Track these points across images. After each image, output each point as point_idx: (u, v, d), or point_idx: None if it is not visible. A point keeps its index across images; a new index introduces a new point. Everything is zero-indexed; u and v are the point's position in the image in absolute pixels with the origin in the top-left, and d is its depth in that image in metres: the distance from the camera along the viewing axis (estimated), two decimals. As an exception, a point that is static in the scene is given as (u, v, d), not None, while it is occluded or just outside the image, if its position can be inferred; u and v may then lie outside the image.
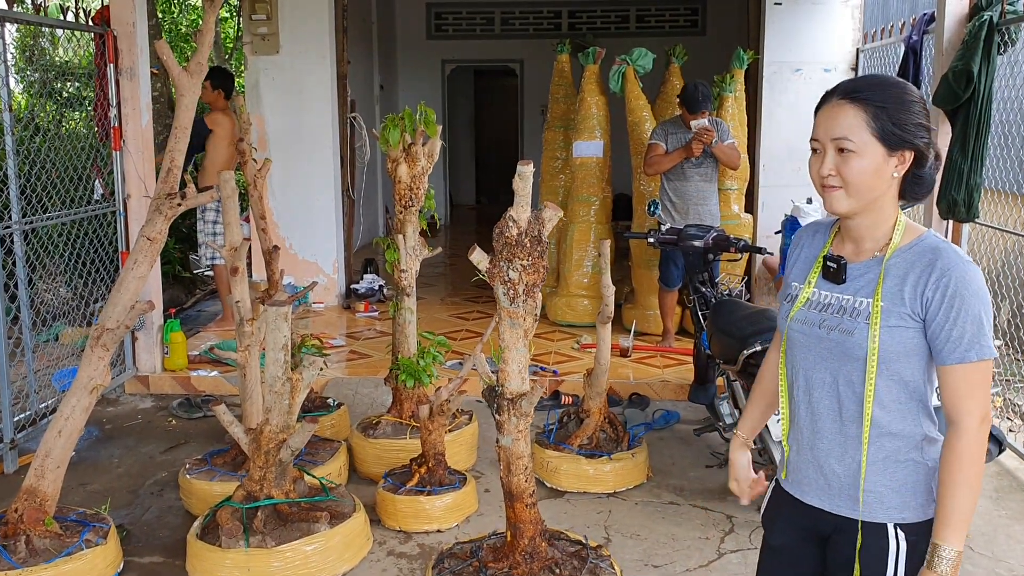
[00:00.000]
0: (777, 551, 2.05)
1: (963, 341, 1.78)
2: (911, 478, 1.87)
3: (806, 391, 1.95)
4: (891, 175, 1.83)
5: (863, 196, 1.84)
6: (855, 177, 1.82)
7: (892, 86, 1.86)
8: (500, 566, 2.27)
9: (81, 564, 3.44)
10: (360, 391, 5.84)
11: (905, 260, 1.85)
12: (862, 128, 1.81)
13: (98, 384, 3.64)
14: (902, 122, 1.81)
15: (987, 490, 4.43)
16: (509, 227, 2.15)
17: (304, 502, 3.71)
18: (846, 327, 1.87)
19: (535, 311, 2.19)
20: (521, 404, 2.19)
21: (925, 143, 1.84)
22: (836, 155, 1.83)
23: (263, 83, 7.86)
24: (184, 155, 3.76)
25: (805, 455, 1.97)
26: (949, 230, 5.32)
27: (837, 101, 1.85)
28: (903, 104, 1.83)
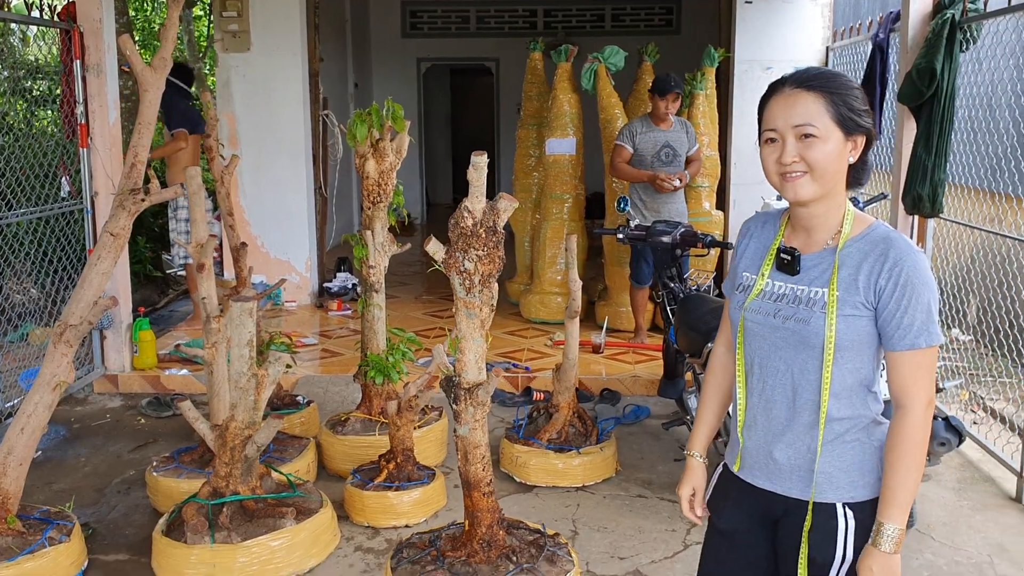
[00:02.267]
0: (727, 535, 2.08)
1: (913, 328, 1.83)
2: (858, 459, 1.91)
3: (760, 379, 1.98)
4: (847, 159, 1.88)
5: (827, 181, 1.86)
6: (821, 162, 1.84)
7: (837, 75, 1.90)
8: (458, 555, 2.28)
9: (44, 562, 3.42)
10: (331, 389, 5.83)
11: (858, 250, 1.88)
12: (823, 114, 1.83)
13: (61, 381, 3.62)
14: (854, 108, 1.86)
15: (950, 481, 4.49)
16: (464, 217, 2.16)
17: (270, 498, 3.70)
18: (802, 316, 1.89)
19: (491, 301, 2.20)
20: (478, 394, 2.21)
21: (871, 131, 1.90)
22: (798, 142, 1.85)
23: (234, 80, 7.84)
24: (148, 150, 3.74)
25: (758, 441, 1.99)
26: (915, 225, 5.38)
27: (792, 90, 1.87)
28: (851, 91, 1.87)
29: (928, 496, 4.27)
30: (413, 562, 2.30)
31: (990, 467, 4.63)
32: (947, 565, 3.66)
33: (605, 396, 5.75)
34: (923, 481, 4.33)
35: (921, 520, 3.99)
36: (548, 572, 2.26)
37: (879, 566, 1.83)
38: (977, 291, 5.85)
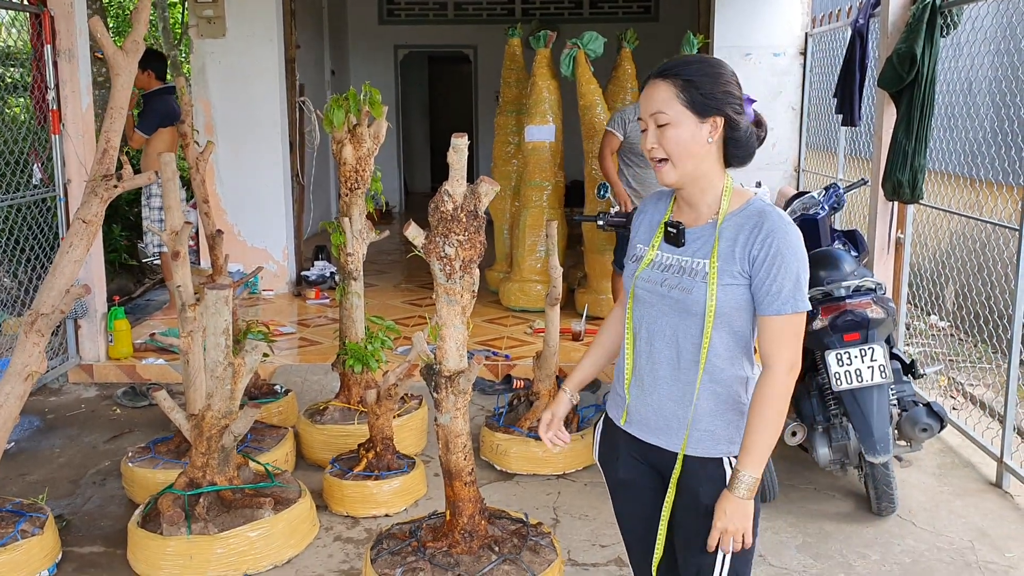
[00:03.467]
0: (624, 484, 2.23)
1: (781, 295, 1.96)
2: (736, 416, 2.06)
3: (648, 342, 2.11)
4: (706, 140, 2.00)
5: (686, 164, 2.01)
6: (673, 146, 2.00)
7: (699, 62, 2.04)
8: (439, 545, 2.25)
9: (16, 555, 3.35)
10: (309, 378, 5.77)
11: (735, 223, 2.02)
12: (673, 100, 1.98)
13: (33, 371, 3.54)
14: (709, 91, 1.98)
15: (930, 467, 4.50)
16: (444, 201, 2.12)
17: (248, 488, 3.65)
18: (685, 286, 2.03)
19: (472, 287, 2.16)
20: (459, 381, 2.17)
21: (734, 109, 2.01)
22: (656, 130, 2.02)
23: (209, 67, 7.73)
24: (120, 135, 3.66)
25: (647, 400, 2.12)
26: (894, 211, 5.38)
27: (651, 80, 2.03)
28: (709, 76, 2.00)
29: (909, 482, 4.28)
30: (393, 553, 2.26)
31: (970, 452, 4.65)
32: (929, 551, 3.67)
33: (586, 384, 5.72)
34: (904, 467, 4.37)
35: (902, 506, 3.99)
36: (531, 562, 2.22)
37: (732, 508, 1.97)
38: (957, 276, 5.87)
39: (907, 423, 3.83)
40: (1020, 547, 3.71)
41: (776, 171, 7.64)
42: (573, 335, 6.46)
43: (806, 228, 4.55)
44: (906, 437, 3.91)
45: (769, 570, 3.50)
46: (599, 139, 6.90)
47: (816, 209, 4.60)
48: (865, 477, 3.94)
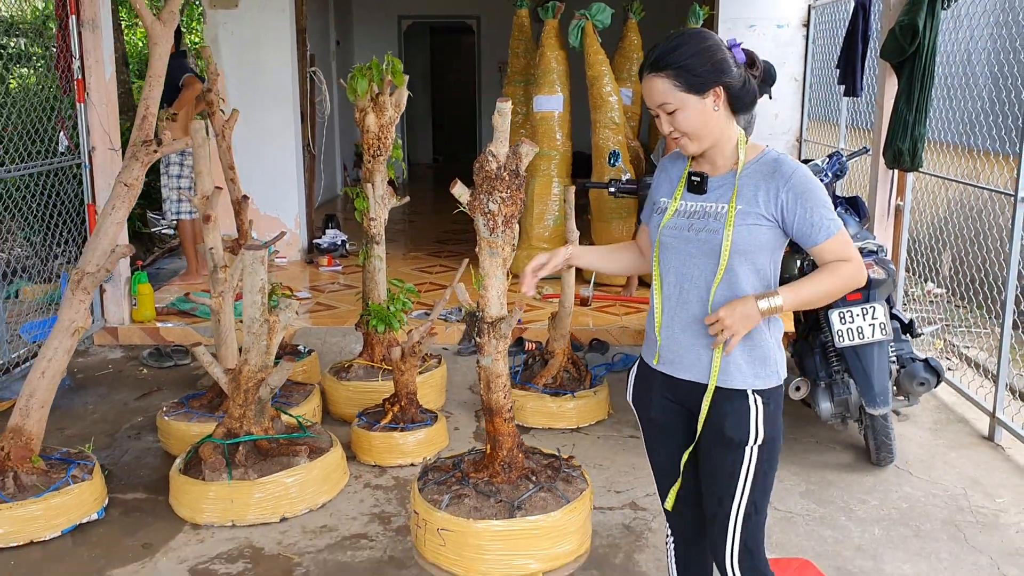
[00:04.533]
0: (655, 423, 2.39)
1: (823, 224, 2.17)
2: (760, 351, 2.23)
3: (677, 286, 2.28)
4: (712, 111, 2.18)
5: (704, 135, 2.19)
6: (687, 126, 2.18)
7: (683, 44, 2.16)
8: (481, 475, 2.45)
9: (69, 499, 3.56)
10: (328, 340, 5.97)
11: (755, 171, 2.21)
12: (672, 90, 2.15)
13: (79, 327, 3.74)
14: (701, 70, 2.14)
15: (926, 422, 4.72)
16: (489, 161, 2.30)
17: (283, 438, 3.86)
18: (712, 228, 2.21)
19: (513, 241, 2.34)
20: (500, 327, 2.36)
21: (727, 75, 2.16)
22: (667, 116, 2.20)
23: (222, 37, 7.85)
24: (158, 102, 3.83)
25: (678, 339, 2.28)
26: (894, 179, 5.57)
27: (647, 75, 2.20)
28: (696, 55, 2.15)
29: (906, 435, 4.50)
30: (439, 483, 2.46)
31: (964, 409, 4.87)
32: (924, 497, 3.90)
33: (594, 345, 5.93)
34: (901, 421, 4.58)
35: (900, 457, 4.21)
36: (565, 490, 2.43)
37: (743, 307, 2.14)
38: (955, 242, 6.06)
39: (906, 378, 4.04)
40: (1010, 494, 3.94)
41: (778, 141, 7.80)
42: (581, 300, 6.65)
43: (810, 194, 4.74)
44: (904, 392, 4.12)
45: (776, 514, 3.73)
46: (607, 109, 7.09)
47: (820, 176, 4.79)
48: (865, 429, 4.15)
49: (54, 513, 3.53)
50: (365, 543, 3.53)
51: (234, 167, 5.01)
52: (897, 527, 3.63)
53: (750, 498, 2.27)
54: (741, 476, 2.24)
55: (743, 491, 2.26)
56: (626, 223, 7.18)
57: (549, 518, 2.32)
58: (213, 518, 3.64)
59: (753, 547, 2.29)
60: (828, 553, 3.43)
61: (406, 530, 3.61)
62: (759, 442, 2.23)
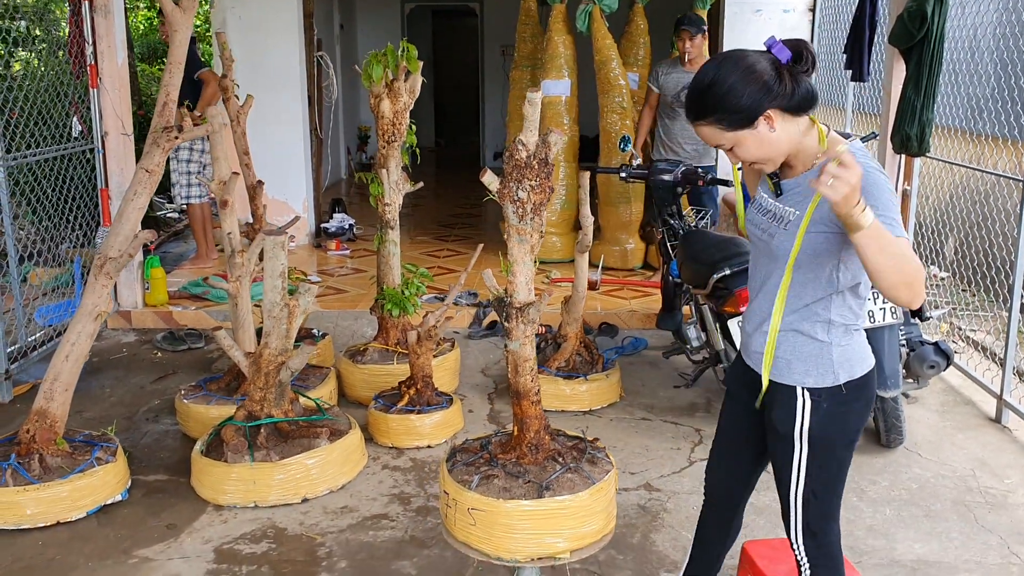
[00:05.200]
0: (731, 395, 2.54)
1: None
2: (813, 348, 2.23)
3: (753, 279, 2.37)
4: (770, 134, 2.08)
5: (771, 155, 2.12)
6: (751, 156, 2.13)
7: (711, 85, 2.07)
8: (508, 457, 2.51)
9: (94, 480, 3.63)
10: (340, 323, 6.03)
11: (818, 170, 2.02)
12: (720, 134, 2.11)
13: (102, 311, 3.79)
14: (739, 107, 2.05)
15: (934, 404, 4.79)
16: (519, 150, 2.34)
17: (302, 421, 3.92)
18: (772, 231, 2.21)
19: (541, 228, 2.39)
20: (528, 312, 2.41)
21: (769, 99, 2.04)
22: (729, 153, 2.18)
23: (230, 22, 7.86)
24: (178, 89, 3.86)
25: (753, 334, 2.37)
26: (902, 164, 5.62)
27: (694, 123, 2.16)
28: (730, 95, 2.05)
29: (914, 418, 4.56)
30: (467, 464, 2.52)
31: (971, 391, 4.94)
32: (934, 478, 3.97)
33: (604, 329, 6.00)
34: (909, 403, 4.65)
35: (909, 439, 4.28)
36: (591, 471, 2.49)
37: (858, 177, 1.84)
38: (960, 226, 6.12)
39: (916, 361, 4.10)
40: (1017, 474, 4.01)
41: (784, 126, 7.83)
42: (590, 284, 6.69)
43: (820, 179, 4.79)
44: (914, 375, 4.19)
45: (787, 495, 3.79)
46: (614, 94, 7.12)
47: (829, 161, 4.83)
48: (875, 412, 4.22)
49: (80, 494, 3.59)
50: (386, 523, 3.60)
51: (248, 152, 5.04)
52: (908, 507, 3.70)
53: (807, 486, 2.30)
54: (793, 465, 2.29)
55: (797, 479, 2.30)
56: (633, 207, 7.23)
57: (577, 498, 2.38)
58: (235, 499, 3.70)
59: (817, 530, 2.34)
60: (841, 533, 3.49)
61: (426, 511, 3.69)
62: (807, 437, 2.26)
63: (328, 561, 3.33)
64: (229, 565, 3.31)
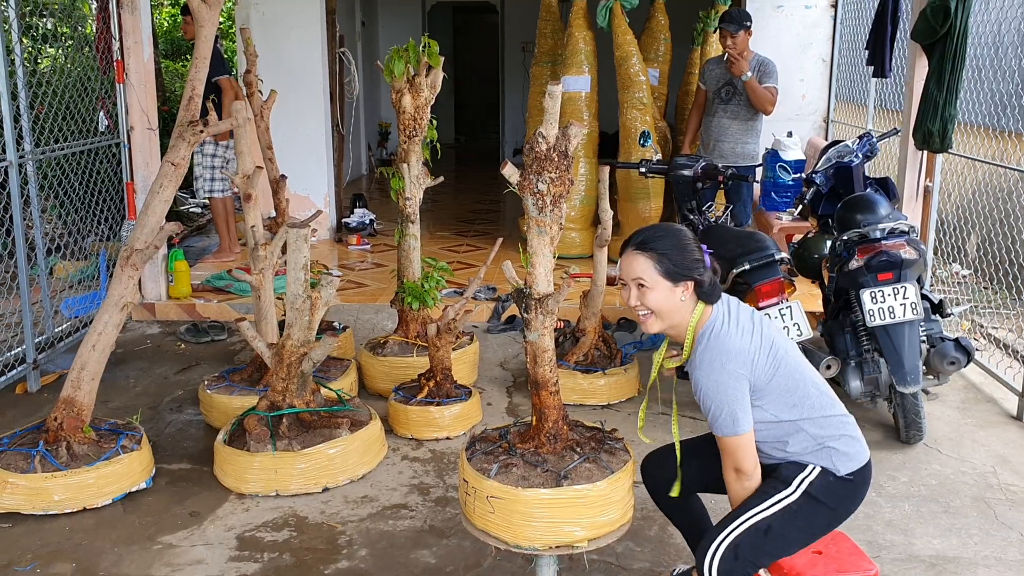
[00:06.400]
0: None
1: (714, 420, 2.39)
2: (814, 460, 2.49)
3: None
4: (679, 300, 2.41)
5: (666, 316, 2.43)
6: (653, 304, 2.41)
7: (669, 235, 2.44)
8: (527, 446, 2.53)
9: (120, 467, 3.69)
10: (361, 317, 6.08)
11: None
12: (651, 270, 2.40)
13: (128, 302, 3.85)
14: (680, 262, 2.39)
15: (954, 401, 4.77)
16: (539, 142, 2.37)
17: (325, 411, 3.96)
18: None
19: (560, 220, 2.42)
20: (547, 303, 2.44)
21: (699, 272, 2.41)
22: (637, 290, 2.42)
23: (253, 18, 7.93)
24: (204, 84, 3.91)
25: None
26: (923, 160, 5.59)
27: (632, 251, 2.44)
28: (680, 248, 2.41)
29: (934, 414, 4.55)
30: (486, 453, 2.55)
31: (992, 389, 4.92)
32: (954, 474, 3.96)
33: (622, 324, 6.01)
34: (929, 400, 4.64)
35: (929, 436, 4.27)
36: (609, 461, 2.52)
37: None
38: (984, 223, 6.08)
39: (936, 357, 4.09)
40: (1038, 472, 4.00)
41: (805, 122, 7.82)
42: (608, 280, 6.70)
43: (841, 175, 4.79)
44: (934, 371, 4.18)
45: (805, 489, 3.80)
46: (635, 89, 7.13)
47: (851, 157, 4.83)
48: (895, 407, 4.21)
49: (105, 481, 3.65)
50: (406, 513, 3.64)
51: (272, 147, 5.09)
52: (927, 503, 3.70)
53: (768, 519, 2.41)
54: (771, 499, 2.41)
55: (765, 508, 2.40)
56: (653, 203, 7.23)
57: (595, 488, 2.41)
58: (258, 488, 3.75)
59: (740, 558, 2.40)
60: (859, 527, 3.50)
61: (445, 501, 3.73)
62: (805, 487, 2.41)
63: (348, 549, 3.37)
64: (251, 552, 3.36)
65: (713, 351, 2.37)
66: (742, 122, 6.18)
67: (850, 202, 4.30)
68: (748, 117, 6.16)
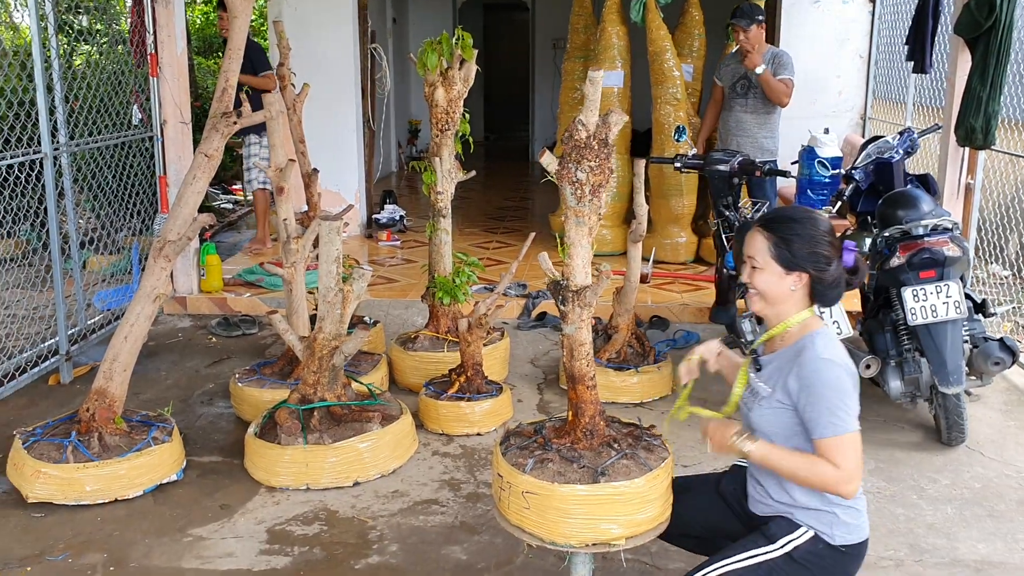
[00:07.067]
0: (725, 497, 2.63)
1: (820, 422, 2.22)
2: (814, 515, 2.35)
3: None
4: (789, 289, 2.32)
5: (770, 301, 2.34)
6: (760, 286, 2.34)
7: (801, 222, 2.33)
8: (563, 441, 2.48)
9: (151, 459, 3.68)
10: (391, 312, 6.05)
11: (787, 355, 2.33)
12: (765, 251, 2.33)
13: (160, 293, 3.84)
14: (797, 251, 2.30)
15: (997, 403, 4.66)
16: (578, 130, 2.32)
17: (356, 405, 3.94)
18: (751, 406, 2.38)
19: (599, 210, 2.37)
20: (585, 295, 2.39)
21: (818, 267, 2.30)
22: (750, 269, 2.37)
23: (286, 13, 7.92)
24: (237, 75, 3.89)
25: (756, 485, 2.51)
26: (965, 157, 5.47)
27: (755, 228, 2.39)
28: (801, 237, 2.31)
29: (976, 416, 4.44)
30: (521, 448, 2.50)
31: (1034, 390, 4.81)
32: (997, 477, 3.86)
33: (654, 322, 5.94)
34: (972, 402, 4.54)
35: (971, 438, 4.16)
36: (647, 458, 2.46)
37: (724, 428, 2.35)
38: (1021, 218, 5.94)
39: (980, 357, 3.99)
40: (1085, 476, 3.88)
41: (842, 119, 7.69)
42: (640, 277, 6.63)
43: (881, 171, 4.69)
44: (977, 372, 4.08)
45: (844, 490, 3.72)
46: (668, 85, 7.06)
47: (891, 153, 4.73)
48: (936, 408, 4.12)
49: (137, 473, 3.64)
50: (436, 508, 3.60)
51: (304, 141, 5.07)
52: (970, 506, 3.60)
53: (739, 571, 2.32)
54: (750, 554, 2.32)
55: (741, 561, 2.32)
56: (685, 200, 7.15)
57: (632, 485, 2.35)
58: (288, 481, 3.73)
59: None
60: (900, 531, 3.41)
61: (476, 497, 3.68)
62: (790, 550, 2.30)
63: (379, 544, 3.34)
64: (281, 546, 3.34)
65: (832, 347, 2.27)
66: (759, 116, 6.15)
67: (892, 198, 4.21)
68: (764, 111, 6.13)
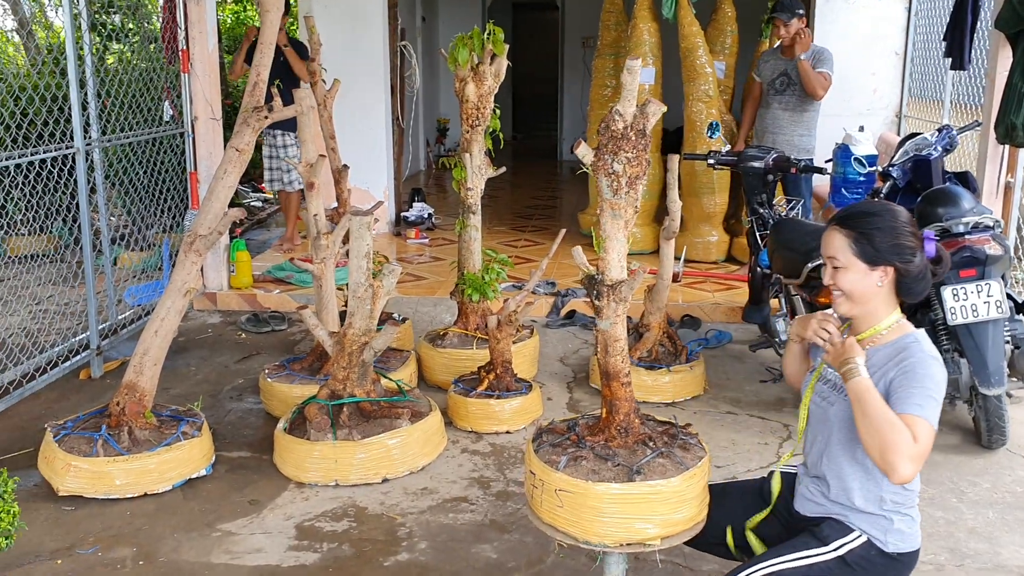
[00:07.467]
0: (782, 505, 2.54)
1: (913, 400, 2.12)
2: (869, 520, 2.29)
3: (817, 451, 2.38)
4: (876, 285, 2.23)
5: (858, 301, 2.26)
6: (845, 286, 2.25)
7: (879, 215, 2.26)
8: (597, 439, 2.43)
9: (180, 453, 3.67)
10: (420, 309, 6.03)
11: (885, 354, 2.24)
12: (846, 249, 2.24)
13: (191, 288, 3.83)
14: (880, 244, 2.22)
15: (1037, 406, 4.55)
16: (615, 120, 2.27)
17: (384, 401, 3.91)
18: (833, 400, 2.31)
19: (636, 203, 2.31)
20: (620, 290, 2.34)
21: (903, 259, 2.22)
22: (832, 270, 2.28)
23: (316, 10, 7.92)
24: (268, 69, 3.88)
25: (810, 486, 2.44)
26: (1005, 155, 5.36)
27: (832, 227, 2.30)
28: (882, 230, 2.23)
29: (1018, 419, 4.33)
30: (554, 445, 2.46)
31: (1076, 393, 4.68)
32: (1038, 481, 3.77)
33: (686, 321, 5.87)
34: (1013, 404, 4.43)
35: (1012, 441, 4.07)
36: (683, 458, 2.41)
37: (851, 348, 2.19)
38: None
39: (1022, 358, 3.89)
40: None
41: (877, 117, 7.58)
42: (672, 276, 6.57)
43: (919, 168, 4.60)
44: (1019, 373, 3.98)
45: (881, 493, 3.64)
46: (700, 81, 6.99)
47: (929, 150, 4.64)
48: (976, 410, 4.02)
49: (166, 467, 3.64)
50: (466, 506, 3.57)
51: (335, 137, 5.07)
52: (1013, 511, 3.51)
53: (789, 572, 2.26)
54: (803, 556, 2.26)
55: (792, 563, 2.25)
56: (717, 198, 7.07)
57: (669, 484, 2.29)
58: (317, 477, 3.71)
59: None
60: (940, 534, 3.33)
61: (506, 495, 3.64)
62: (844, 552, 2.25)
63: (408, 541, 3.31)
64: (310, 542, 3.32)
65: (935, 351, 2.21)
66: (796, 113, 6.11)
67: (931, 195, 4.12)
68: (802, 108, 6.10)
